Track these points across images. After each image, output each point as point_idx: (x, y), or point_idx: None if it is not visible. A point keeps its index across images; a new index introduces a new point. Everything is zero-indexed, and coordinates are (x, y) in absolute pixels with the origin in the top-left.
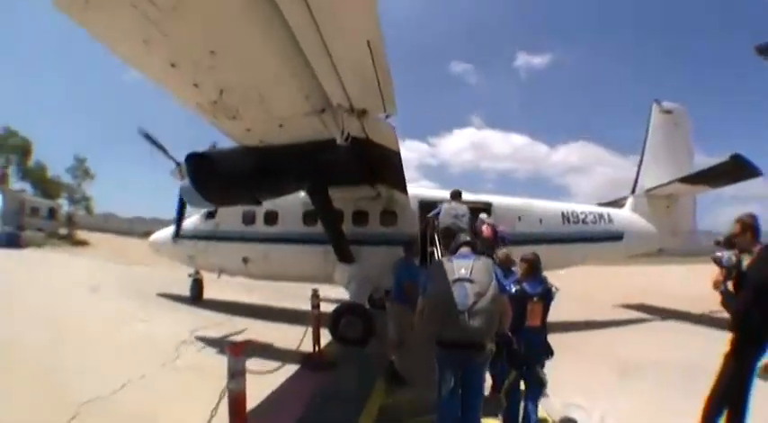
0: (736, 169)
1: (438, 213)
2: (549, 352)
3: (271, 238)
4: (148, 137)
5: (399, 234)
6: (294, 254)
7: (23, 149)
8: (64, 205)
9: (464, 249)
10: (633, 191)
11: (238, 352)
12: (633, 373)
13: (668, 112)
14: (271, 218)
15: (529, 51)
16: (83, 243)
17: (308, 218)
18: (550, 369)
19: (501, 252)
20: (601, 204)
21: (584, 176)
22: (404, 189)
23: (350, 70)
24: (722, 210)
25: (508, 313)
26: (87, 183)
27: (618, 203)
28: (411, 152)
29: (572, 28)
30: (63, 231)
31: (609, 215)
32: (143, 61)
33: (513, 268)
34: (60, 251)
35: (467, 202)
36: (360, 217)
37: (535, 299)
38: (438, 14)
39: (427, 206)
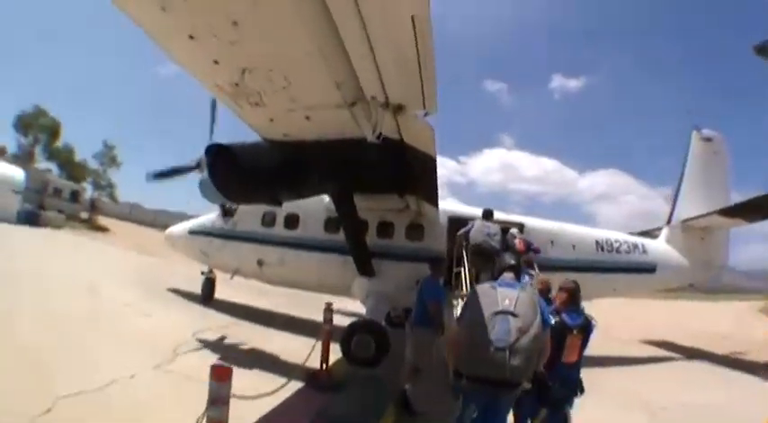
0: None
1: (468, 231)
2: (581, 389)
3: (289, 242)
4: (159, 175)
5: (425, 250)
6: (312, 261)
7: (52, 130)
8: (88, 190)
9: (508, 275)
10: (669, 221)
11: (223, 375)
12: (661, 415)
13: (708, 140)
14: (291, 221)
15: (564, 74)
16: (103, 229)
17: (330, 225)
18: (573, 409)
19: (540, 278)
20: (633, 234)
21: (611, 205)
22: (435, 202)
23: (389, 53)
24: (745, 247)
25: (547, 349)
26: (113, 170)
27: (651, 234)
28: (440, 168)
29: (608, 53)
30: (84, 215)
31: (643, 245)
32: (161, 31)
33: (550, 295)
34: (78, 234)
35: (499, 222)
36: (384, 228)
37: (575, 331)
38: (474, 32)
39: (457, 223)
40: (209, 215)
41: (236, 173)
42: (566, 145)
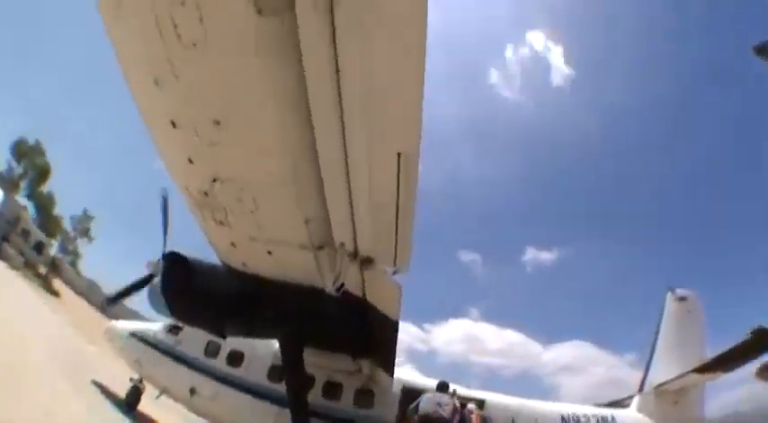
0: (762, 343)
1: (419, 403)
2: None
3: (227, 379)
4: (116, 298)
5: (373, 419)
6: (246, 406)
7: (43, 171)
8: (54, 248)
9: None
10: (641, 388)
11: None
12: None
13: (683, 299)
14: (235, 358)
15: (538, 246)
16: (55, 293)
17: (274, 373)
18: None
19: None
20: (602, 405)
21: (576, 376)
22: (390, 370)
23: (367, 194)
24: (715, 394)
25: None
26: (84, 242)
27: (622, 403)
28: (402, 334)
29: (580, 224)
30: (42, 270)
31: (613, 417)
32: (149, 107)
33: None
34: (29, 286)
35: (460, 397)
36: (331, 389)
37: None
38: (453, 201)
39: (410, 394)
40: (156, 324)
41: (188, 291)
42: (532, 317)
